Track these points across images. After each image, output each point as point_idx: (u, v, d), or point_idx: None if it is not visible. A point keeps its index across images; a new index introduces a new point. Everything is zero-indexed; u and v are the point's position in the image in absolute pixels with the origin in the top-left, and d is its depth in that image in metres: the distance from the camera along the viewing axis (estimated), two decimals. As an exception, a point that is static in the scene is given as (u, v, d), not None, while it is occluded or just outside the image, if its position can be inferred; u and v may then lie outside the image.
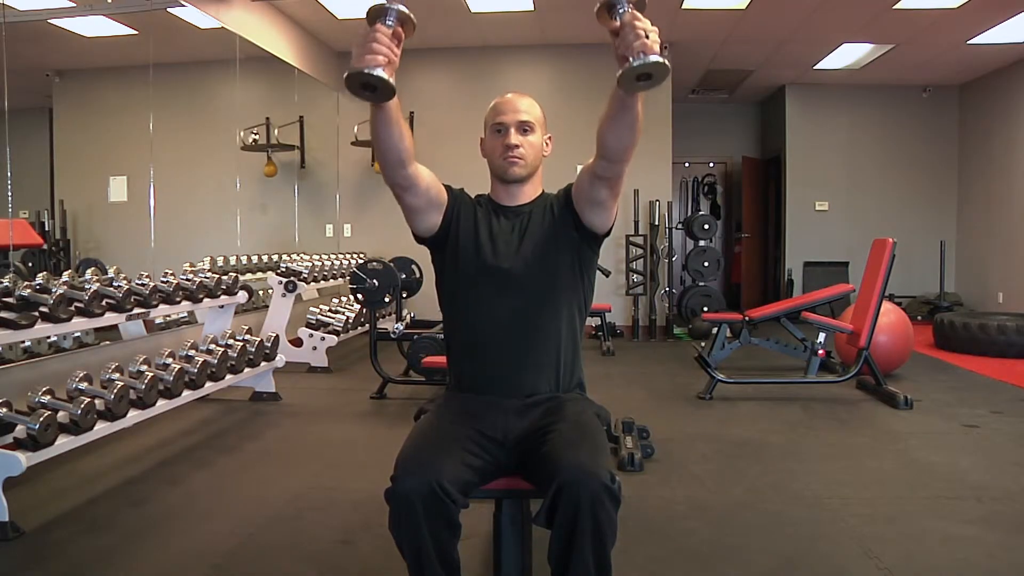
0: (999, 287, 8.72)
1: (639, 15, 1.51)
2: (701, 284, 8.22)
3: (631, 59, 1.49)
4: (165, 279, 4.20)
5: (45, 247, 5.58)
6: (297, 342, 6.14)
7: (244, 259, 6.08)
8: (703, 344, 5.59)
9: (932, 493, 3.24)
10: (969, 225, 9.45)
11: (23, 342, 4.03)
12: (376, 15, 1.54)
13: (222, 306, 4.78)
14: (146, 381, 3.54)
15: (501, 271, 1.95)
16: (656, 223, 8.09)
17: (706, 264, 8.16)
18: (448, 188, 2.04)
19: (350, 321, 6.52)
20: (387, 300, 5.25)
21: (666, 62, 1.49)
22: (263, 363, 4.79)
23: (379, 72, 1.52)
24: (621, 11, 1.52)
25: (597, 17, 1.56)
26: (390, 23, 1.52)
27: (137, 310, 3.81)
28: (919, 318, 8.65)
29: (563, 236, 1.97)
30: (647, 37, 1.49)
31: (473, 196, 2.12)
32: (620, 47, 1.52)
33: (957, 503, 3.11)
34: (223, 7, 5.94)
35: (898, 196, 9.63)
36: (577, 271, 1.99)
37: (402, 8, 1.54)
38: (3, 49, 4.35)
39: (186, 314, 5.40)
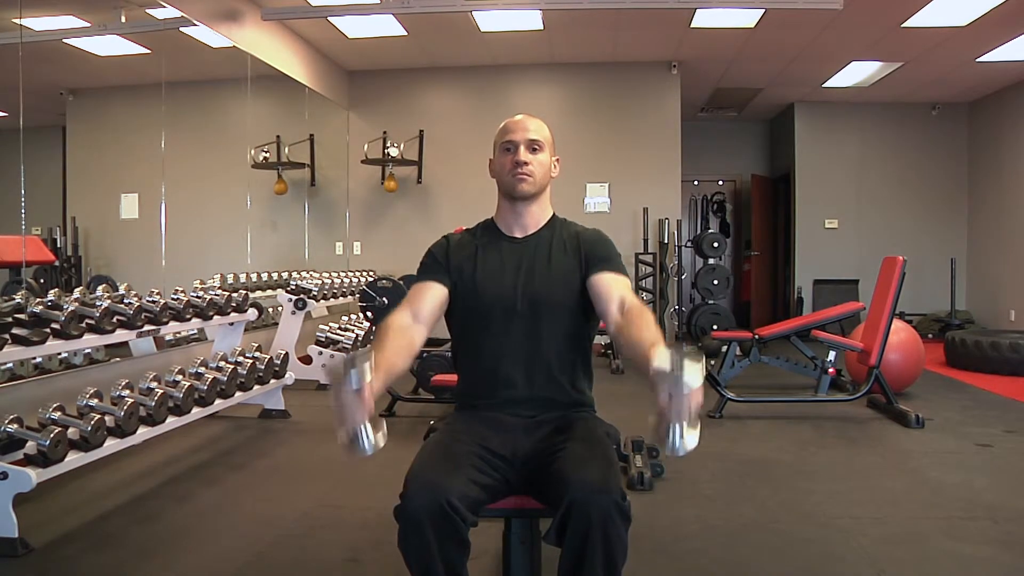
0: (1011, 304, 8.67)
1: (688, 398, 1.46)
2: (710, 302, 8.21)
3: (668, 442, 1.49)
4: (175, 296, 4.22)
5: (57, 264, 5.61)
6: (307, 359, 6.15)
7: (254, 276, 6.10)
8: (713, 362, 5.57)
9: (946, 513, 3.21)
10: (980, 242, 9.41)
11: (34, 358, 4.04)
12: (337, 378, 1.52)
13: (232, 323, 4.80)
14: (156, 398, 3.55)
15: (507, 303, 1.97)
16: (665, 241, 8.09)
17: (715, 282, 8.15)
18: (436, 265, 2.04)
19: (359, 339, 6.52)
20: (396, 318, 5.24)
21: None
22: (272, 380, 4.80)
23: (367, 447, 1.54)
24: (674, 395, 1.45)
25: (649, 377, 1.50)
26: (354, 387, 1.52)
27: (147, 327, 3.82)
28: (930, 336, 8.60)
29: (573, 277, 1.98)
30: (688, 419, 1.48)
31: (472, 226, 2.13)
32: (661, 418, 1.51)
33: (971, 524, 3.07)
34: (235, 26, 6.00)
35: (908, 214, 9.61)
36: (585, 301, 2.00)
37: (360, 376, 1.51)
38: (19, 68, 4.41)
39: (196, 331, 5.41)
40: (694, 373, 1.43)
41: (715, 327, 7.78)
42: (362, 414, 1.54)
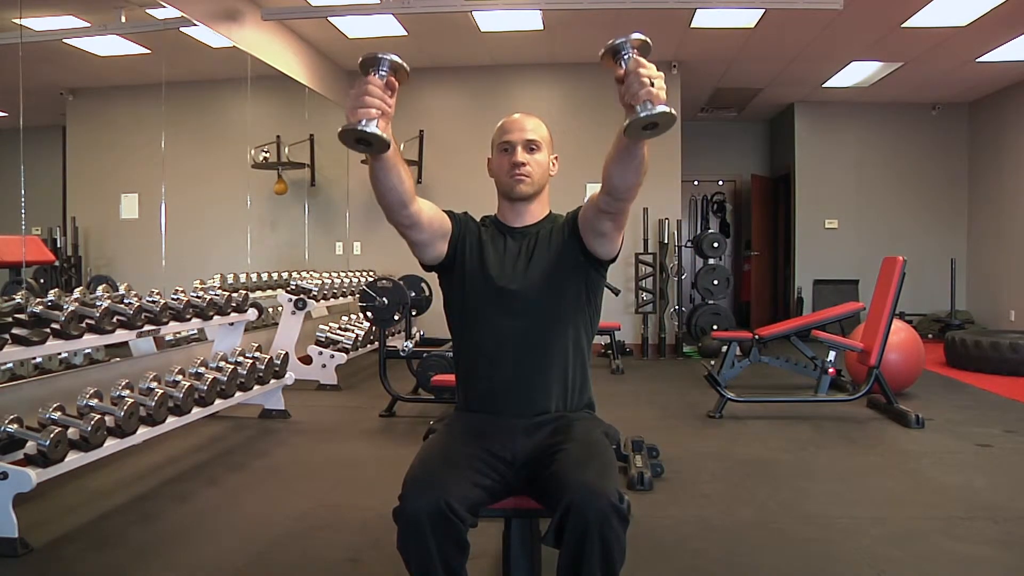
0: (1010, 305, 8.67)
1: (643, 62, 1.46)
2: (710, 302, 8.21)
3: (637, 108, 1.45)
4: (175, 296, 4.22)
5: (57, 264, 5.60)
6: (306, 360, 6.15)
7: (254, 276, 6.10)
8: (713, 362, 5.57)
9: (946, 513, 3.21)
10: (980, 243, 9.41)
11: (34, 358, 4.04)
12: (369, 65, 1.53)
13: (232, 323, 4.80)
14: (156, 398, 3.55)
15: (508, 293, 1.97)
16: (665, 241, 8.09)
17: (715, 282, 8.15)
18: (451, 215, 2.04)
19: (359, 339, 6.52)
20: (396, 318, 5.25)
21: (672, 111, 1.45)
22: (272, 380, 4.80)
23: (372, 128, 1.52)
24: (625, 57, 1.47)
25: (601, 62, 1.50)
26: (383, 74, 1.51)
27: (147, 327, 3.82)
28: (930, 336, 8.61)
29: (570, 260, 1.98)
30: (652, 85, 1.45)
31: (479, 218, 2.13)
32: (625, 95, 1.48)
33: (971, 523, 3.07)
34: (235, 26, 6.00)
35: (908, 214, 9.61)
36: (584, 293, 2.00)
37: (394, 58, 1.52)
38: (19, 68, 4.41)
39: (196, 331, 5.41)
40: (634, 33, 1.46)
41: (715, 327, 7.79)
42: (379, 105, 1.53)
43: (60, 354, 4.23)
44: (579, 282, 1.99)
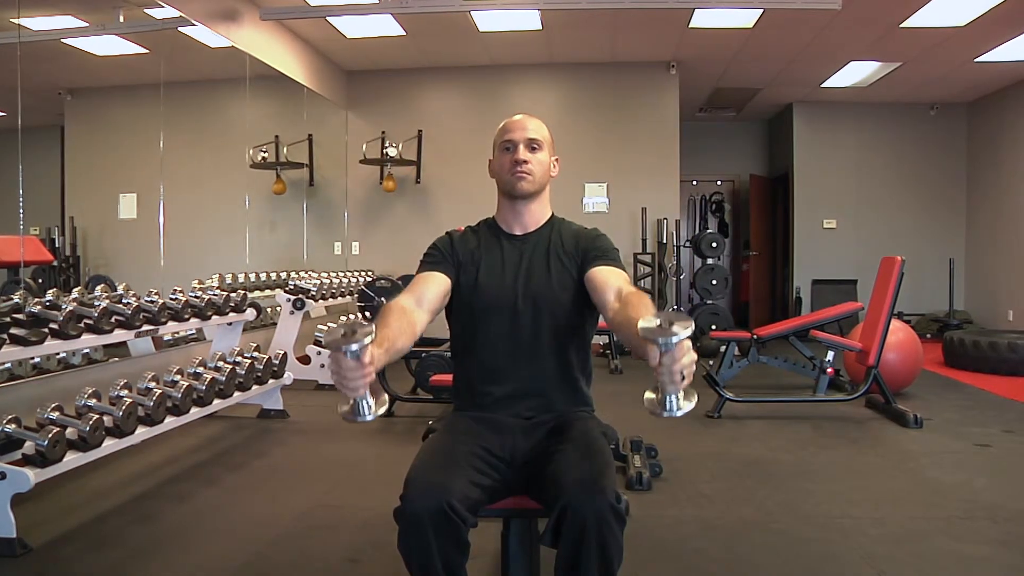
0: (1009, 305, 8.67)
1: (678, 354, 1.38)
2: (709, 302, 8.21)
3: (665, 398, 1.44)
4: (174, 296, 4.22)
5: (55, 264, 5.60)
6: (305, 359, 6.14)
7: (252, 276, 6.10)
8: (711, 362, 5.56)
9: (945, 513, 3.20)
10: (978, 242, 9.42)
11: (32, 358, 4.04)
12: (336, 347, 1.48)
13: (230, 323, 4.79)
14: (154, 398, 3.54)
15: (507, 301, 1.97)
16: (664, 241, 8.09)
17: (714, 282, 8.15)
18: (440, 258, 2.02)
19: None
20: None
21: (695, 405, 1.46)
22: (271, 380, 4.79)
23: (366, 417, 1.53)
24: (664, 351, 1.38)
25: (636, 343, 1.45)
26: (355, 355, 1.49)
27: (146, 327, 3.82)
28: (928, 336, 8.61)
29: (570, 278, 1.98)
30: (683, 378, 1.41)
31: (475, 223, 2.14)
32: (656, 377, 1.43)
33: (971, 523, 3.07)
34: (233, 26, 5.99)
35: (906, 214, 9.62)
36: (583, 301, 2.00)
37: (365, 342, 1.46)
38: (18, 68, 4.40)
39: (194, 331, 5.41)
40: (681, 327, 1.35)
41: (714, 327, 7.79)
42: (363, 383, 1.51)
43: (58, 354, 4.22)
44: (580, 300, 1.99)
